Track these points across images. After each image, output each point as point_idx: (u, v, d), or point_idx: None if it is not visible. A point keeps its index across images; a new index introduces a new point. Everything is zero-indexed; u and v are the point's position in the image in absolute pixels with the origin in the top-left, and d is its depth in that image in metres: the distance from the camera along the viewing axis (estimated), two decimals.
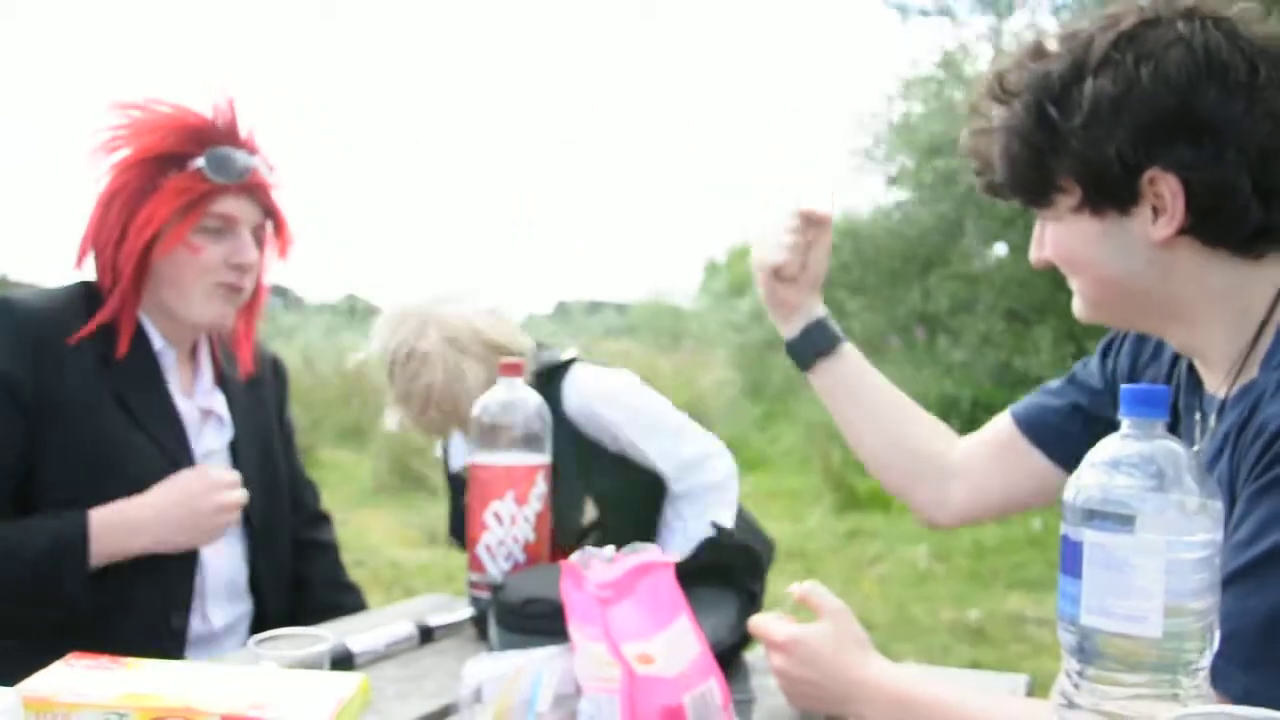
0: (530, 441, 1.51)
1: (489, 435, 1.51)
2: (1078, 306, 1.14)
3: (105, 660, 0.95)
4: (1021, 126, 1.05)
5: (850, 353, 1.43)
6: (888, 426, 1.42)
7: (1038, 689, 1.44)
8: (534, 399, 1.53)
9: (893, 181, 9.98)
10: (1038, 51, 1.07)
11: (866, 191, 10.57)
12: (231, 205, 1.62)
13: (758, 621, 1.25)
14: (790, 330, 1.43)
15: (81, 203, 1.63)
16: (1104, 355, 1.30)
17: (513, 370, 1.53)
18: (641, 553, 1.15)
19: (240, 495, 1.62)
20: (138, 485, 1.56)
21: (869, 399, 1.42)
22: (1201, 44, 0.99)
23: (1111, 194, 1.03)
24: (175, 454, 1.63)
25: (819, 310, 1.43)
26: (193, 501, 1.57)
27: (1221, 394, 1.06)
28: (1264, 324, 1.02)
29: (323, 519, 1.99)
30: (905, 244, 9.48)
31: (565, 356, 2.10)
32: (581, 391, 2.06)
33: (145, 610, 1.59)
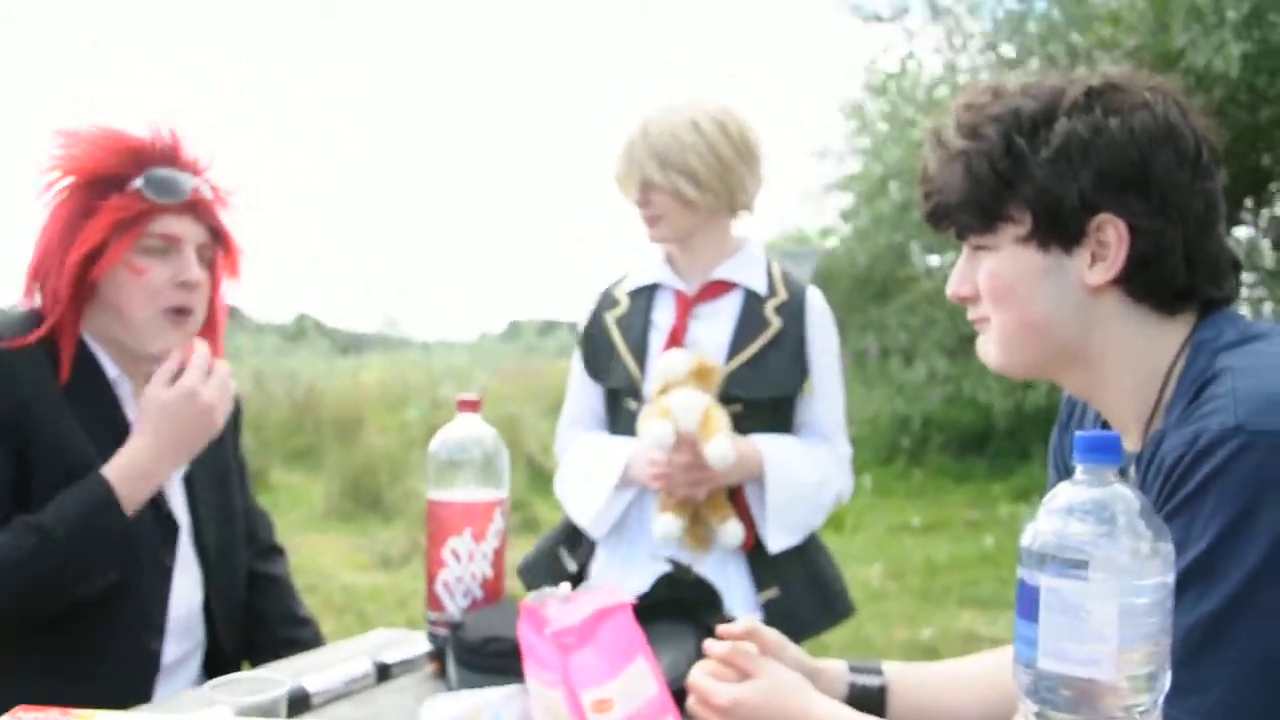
0: (488, 477, 1.51)
1: (446, 471, 1.50)
2: (989, 349, 1.16)
3: (55, 713, 0.93)
4: (990, 151, 1.09)
5: (898, 684, 1.30)
6: (982, 698, 1.29)
7: None
8: (490, 435, 1.53)
9: (846, 217, 10.06)
10: (998, 92, 1.12)
11: (816, 213, 10.63)
12: (174, 224, 1.60)
13: (695, 683, 1.22)
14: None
15: (29, 224, 1.60)
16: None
17: (470, 407, 1.53)
18: (599, 594, 1.15)
19: (222, 374, 1.64)
20: None
21: (947, 698, 1.31)
22: (1163, 113, 1.07)
23: (1062, 230, 1.07)
24: None
25: (844, 673, 1.31)
26: (185, 419, 1.57)
27: (1136, 448, 1.10)
28: (1168, 375, 1.08)
29: (276, 552, 1.95)
30: (857, 269, 9.57)
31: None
32: (821, 303, 2.16)
33: (124, 637, 1.57)
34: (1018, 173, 1.08)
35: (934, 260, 9.56)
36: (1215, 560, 0.91)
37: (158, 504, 1.62)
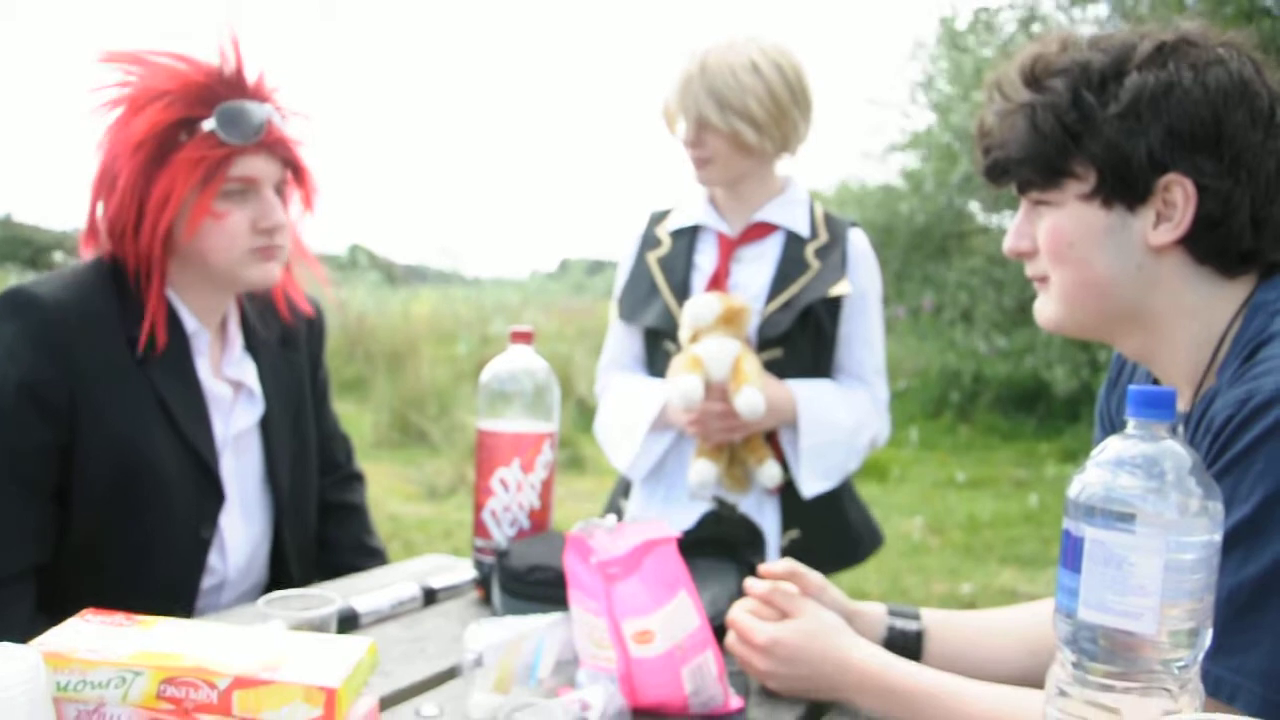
0: (538, 409, 1.53)
1: (496, 402, 1.52)
2: (1047, 308, 1.15)
3: (120, 617, 0.97)
4: (1056, 105, 1.06)
5: (936, 630, 1.32)
6: (1020, 648, 1.28)
7: None
8: (541, 367, 1.54)
9: (909, 177, 9.84)
10: (1066, 45, 1.10)
11: (876, 164, 10.44)
12: (250, 165, 1.51)
13: (736, 621, 1.25)
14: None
15: (83, 149, 1.51)
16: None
17: (523, 339, 1.55)
18: (645, 526, 1.17)
19: None
20: (164, 476, 1.51)
21: (984, 646, 1.31)
22: (1238, 69, 1.04)
23: (1128, 188, 1.05)
24: (200, 445, 1.56)
25: (882, 616, 1.33)
26: None
27: (1186, 408, 1.09)
28: (1224, 336, 1.06)
29: (355, 479, 1.93)
30: (915, 226, 9.41)
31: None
32: (863, 243, 2.13)
33: (151, 607, 1.54)
34: (1085, 128, 1.06)
35: (996, 219, 9.40)
36: (1262, 521, 0.91)
37: (208, 473, 1.57)
